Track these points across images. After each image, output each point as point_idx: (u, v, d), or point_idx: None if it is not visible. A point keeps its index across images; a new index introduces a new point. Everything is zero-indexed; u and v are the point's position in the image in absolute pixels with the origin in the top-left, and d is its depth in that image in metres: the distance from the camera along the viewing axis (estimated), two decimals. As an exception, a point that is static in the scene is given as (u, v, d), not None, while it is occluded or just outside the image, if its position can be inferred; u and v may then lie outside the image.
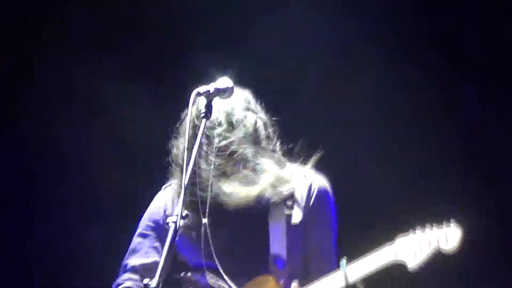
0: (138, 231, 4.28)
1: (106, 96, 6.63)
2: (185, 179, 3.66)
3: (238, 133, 4.05)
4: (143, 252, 4.22)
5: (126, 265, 4.24)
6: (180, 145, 4.15)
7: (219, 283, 4.08)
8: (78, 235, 6.66)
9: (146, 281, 3.53)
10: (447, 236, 3.81)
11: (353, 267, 3.93)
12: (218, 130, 4.04)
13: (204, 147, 4.03)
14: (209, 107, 3.84)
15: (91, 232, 6.63)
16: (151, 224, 4.26)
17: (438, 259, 3.85)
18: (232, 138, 4.03)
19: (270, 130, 4.15)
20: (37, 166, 6.73)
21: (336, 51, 6.33)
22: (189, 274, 4.14)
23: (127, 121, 6.61)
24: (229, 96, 3.95)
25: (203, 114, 3.82)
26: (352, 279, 3.90)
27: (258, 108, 4.17)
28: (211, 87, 3.88)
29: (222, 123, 4.05)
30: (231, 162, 4.03)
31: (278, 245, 4.08)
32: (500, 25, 6.23)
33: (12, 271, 6.67)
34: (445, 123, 6.28)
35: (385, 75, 6.31)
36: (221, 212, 4.06)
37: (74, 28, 6.65)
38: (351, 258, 3.95)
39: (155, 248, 4.22)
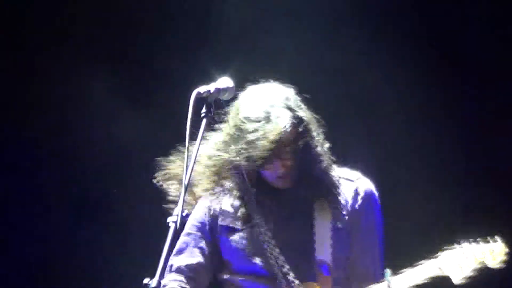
0: (184, 231, 4.23)
1: (106, 96, 6.63)
2: (186, 179, 3.65)
3: (273, 129, 3.94)
4: (188, 252, 4.19)
5: (171, 266, 4.19)
6: (220, 137, 4.09)
7: (263, 286, 4.06)
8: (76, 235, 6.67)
9: (146, 280, 3.53)
10: (494, 252, 3.77)
11: (397, 279, 3.88)
12: (255, 124, 3.96)
13: (242, 141, 3.97)
14: (209, 107, 3.83)
15: (90, 232, 6.64)
16: (196, 223, 4.23)
17: (484, 274, 3.83)
18: (266, 133, 3.93)
19: (313, 129, 4.06)
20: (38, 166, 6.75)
21: (336, 51, 6.32)
22: (233, 276, 4.13)
23: (127, 121, 6.61)
24: (229, 96, 3.94)
25: (203, 114, 3.81)
26: None
27: (300, 106, 4.07)
28: (211, 87, 3.87)
29: (258, 118, 3.97)
30: (266, 157, 3.94)
31: (323, 250, 4.03)
32: (501, 24, 6.23)
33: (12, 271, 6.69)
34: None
35: (387, 75, 6.32)
36: (266, 215, 4.04)
37: (71, 28, 6.65)
38: (393, 269, 3.89)
39: (200, 248, 4.19)
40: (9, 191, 6.70)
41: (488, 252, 3.78)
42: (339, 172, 4.15)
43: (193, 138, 3.76)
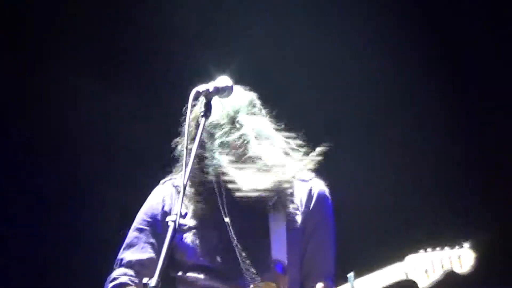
0: (134, 225, 4.25)
1: (106, 97, 6.63)
2: (185, 179, 3.65)
3: (241, 133, 4.03)
4: (139, 247, 4.19)
5: (121, 260, 4.21)
6: (184, 141, 4.06)
7: (217, 285, 4.07)
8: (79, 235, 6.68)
9: (145, 280, 3.52)
10: (461, 258, 3.76)
11: (361, 282, 3.89)
12: (221, 129, 4.04)
13: (207, 146, 4.03)
14: (208, 106, 3.84)
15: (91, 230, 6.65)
16: (148, 219, 4.23)
17: (449, 280, 3.82)
18: (234, 136, 4.03)
19: (272, 133, 4.13)
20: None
21: (336, 51, 6.32)
22: (187, 274, 4.12)
23: (126, 121, 6.61)
24: (228, 95, 3.94)
25: (202, 113, 3.82)
26: None
27: (261, 112, 4.17)
28: (210, 85, 3.87)
29: (225, 123, 4.05)
30: (235, 157, 4.01)
31: (279, 250, 4.06)
32: (502, 24, 6.23)
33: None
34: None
35: (387, 75, 6.31)
36: (221, 213, 4.05)
37: (71, 27, 6.65)
38: (356, 272, 3.91)
39: (151, 244, 4.19)
40: (9, 190, 6.71)
41: (456, 259, 3.77)
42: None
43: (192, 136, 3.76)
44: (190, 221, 4.11)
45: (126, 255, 4.20)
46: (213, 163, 4.03)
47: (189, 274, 4.11)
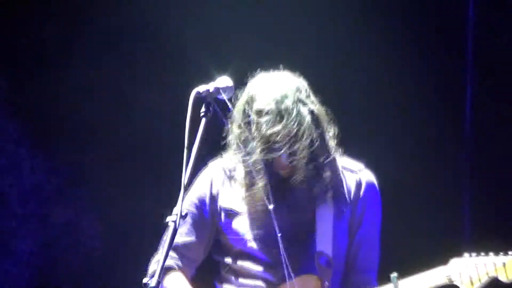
0: (184, 206, 4.23)
1: (105, 97, 6.64)
2: (185, 179, 3.65)
3: (286, 123, 3.96)
4: (185, 229, 4.15)
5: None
6: (234, 127, 4.08)
7: (262, 273, 4.05)
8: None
9: (145, 280, 3.52)
10: (506, 266, 3.71)
11: (404, 283, 3.84)
12: (266, 118, 3.98)
13: (253, 133, 4.00)
14: (208, 106, 3.83)
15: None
16: (196, 201, 4.19)
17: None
18: (278, 128, 3.96)
19: (321, 122, 4.06)
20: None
21: (336, 51, 6.32)
22: (232, 259, 4.11)
23: (127, 122, 6.62)
24: (229, 95, 3.93)
25: (202, 114, 3.81)
26: None
27: (310, 99, 4.10)
28: (211, 86, 3.87)
29: (270, 112, 3.99)
30: (277, 151, 3.96)
31: (324, 242, 4.02)
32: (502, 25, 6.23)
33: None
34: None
35: (387, 75, 6.31)
36: (270, 202, 4.00)
37: (76, 24, 6.66)
38: (400, 273, 3.88)
39: (198, 227, 4.16)
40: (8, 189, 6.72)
41: (500, 266, 3.72)
42: (342, 163, 4.14)
43: (192, 137, 3.76)
44: (238, 207, 4.09)
45: None
46: (259, 151, 3.98)
47: (233, 260, 4.11)
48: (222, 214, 4.13)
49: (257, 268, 4.05)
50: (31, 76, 6.70)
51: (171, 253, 4.12)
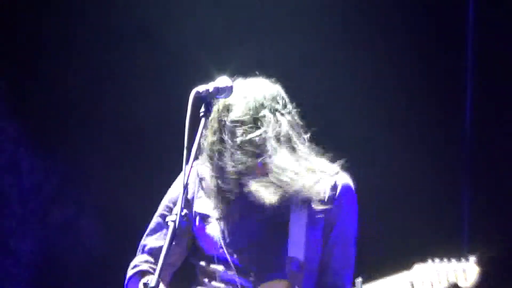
0: (158, 210, 4.24)
1: (106, 98, 6.64)
2: (185, 179, 3.66)
3: (261, 132, 3.98)
4: (162, 234, 4.17)
5: (144, 246, 4.22)
6: (208, 134, 4.06)
7: (235, 278, 4.05)
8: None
9: (145, 279, 3.53)
10: (466, 272, 3.72)
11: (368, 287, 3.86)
12: (242, 127, 3.99)
13: (228, 143, 3.99)
14: (208, 106, 3.83)
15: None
16: (171, 205, 4.20)
17: None
18: (254, 135, 3.97)
19: (296, 131, 4.06)
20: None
21: (336, 52, 6.32)
22: (206, 264, 4.11)
23: (127, 121, 6.62)
24: (227, 96, 3.94)
25: (202, 114, 3.82)
26: None
27: (286, 108, 4.09)
28: (210, 86, 3.87)
29: (246, 121, 3.99)
30: (252, 160, 3.96)
31: (296, 246, 4.02)
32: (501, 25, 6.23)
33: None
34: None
35: (386, 76, 6.31)
36: (243, 208, 4.01)
37: (76, 23, 6.66)
38: (364, 277, 3.90)
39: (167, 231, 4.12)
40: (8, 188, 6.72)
41: (460, 272, 3.74)
42: (318, 166, 4.12)
43: (192, 137, 3.76)
44: (213, 212, 4.09)
45: (148, 241, 4.20)
46: (233, 161, 3.99)
47: (207, 264, 4.11)
48: (197, 219, 4.13)
49: (230, 273, 4.05)
50: (31, 76, 6.70)
51: (147, 257, 4.18)
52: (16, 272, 6.66)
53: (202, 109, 3.83)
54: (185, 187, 3.67)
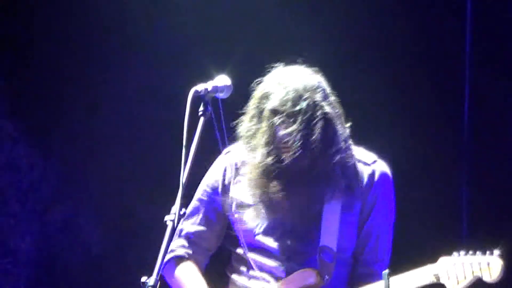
0: (196, 194, 4.24)
1: (106, 98, 6.64)
2: (184, 178, 3.66)
3: (298, 126, 3.93)
4: (198, 218, 4.19)
5: (181, 230, 4.21)
6: (245, 119, 4.06)
7: (267, 266, 4.06)
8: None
9: (143, 279, 3.53)
10: (490, 266, 3.69)
11: (394, 280, 3.80)
12: (279, 118, 3.94)
13: (264, 132, 3.97)
14: (207, 105, 3.83)
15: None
16: (208, 190, 4.22)
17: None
18: (290, 130, 3.93)
19: (335, 124, 4.01)
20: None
21: (336, 50, 6.32)
22: (241, 250, 4.13)
23: (127, 121, 6.62)
24: (227, 94, 3.93)
25: (201, 113, 3.81)
26: None
27: (327, 100, 4.03)
28: (209, 85, 3.87)
29: (284, 112, 3.94)
30: (288, 152, 3.93)
31: (329, 236, 4.01)
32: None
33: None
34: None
35: (386, 76, 6.31)
36: (279, 195, 3.99)
37: (76, 22, 6.66)
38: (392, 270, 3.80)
39: (209, 216, 4.19)
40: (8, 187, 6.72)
41: (485, 266, 3.70)
42: (356, 154, 4.11)
43: (190, 136, 3.76)
44: (248, 199, 4.08)
45: (185, 225, 4.20)
46: (267, 150, 3.97)
47: (243, 251, 4.12)
48: (233, 205, 4.14)
49: (264, 261, 4.07)
50: (30, 75, 6.70)
51: (183, 242, 4.18)
52: (15, 271, 6.66)
53: (201, 108, 3.83)
54: (183, 186, 3.66)
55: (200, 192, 4.23)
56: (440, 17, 6.31)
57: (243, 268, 4.13)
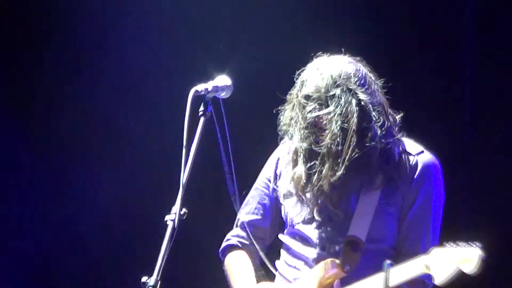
0: (255, 184, 4.26)
1: (106, 98, 6.64)
2: (184, 178, 3.67)
3: (329, 112, 3.88)
4: (253, 207, 4.21)
5: (238, 220, 4.23)
6: (286, 108, 4.03)
7: (302, 254, 4.07)
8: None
9: (144, 279, 3.53)
10: (470, 258, 3.68)
11: (393, 271, 3.77)
12: (312, 104, 3.91)
13: (298, 118, 3.93)
14: (207, 105, 3.83)
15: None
16: (263, 179, 4.23)
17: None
18: (321, 114, 3.90)
19: (369, 112, 3.92)
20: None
21: (335, 50, 6.31)
22: (286, 238, 4.13)
23: (128, 120, 6.62)
24: (227, 94, 3.93)
25: (201, 113, 3.81)
26: (391, 283, 3.65)
27: (363, 88, 3.94)
28: (209, 85, 3.87)
29: (316, 98, 3.91)
30: (322, 137, 3.89)
31: (359, 226, 3.97)
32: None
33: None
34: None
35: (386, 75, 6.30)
36: (316, 184, 3.94)
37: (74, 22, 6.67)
38: None
39: (264, 205, 4.20)
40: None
41: (466, 257, 3.70)
42: (403, 145, 4.04)
43: (191, 136, 3.76)
44: (290, 187, 4.07)
45: (241, 215, 4.21)
46: (300, 138, 3.94)
47: (287, 238, 4.14)
48: (281, 194, 4.14)
49: (301, 249, 4.07)
50: (30, 74, 6.71)
51: (238, 231, 4.22)
52: (15, 271, 6.67)
53: (201, 108, 3.83)
54: (184, 186, 3.66)
55: (257, 181, 4.24)
56: (440, 16, 6.32)
57: (284, 257, 4.15)
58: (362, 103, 3.91)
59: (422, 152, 4.05)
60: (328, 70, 3.95)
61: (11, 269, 6.65)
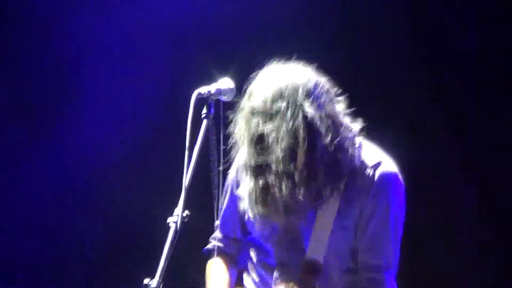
0: (226, 187, 4.23)
1: (106, 98, 6.64)
2: (186, 180, 3.67)
3: (274, 127, 3.76)
4: (223, 209, 4.21)
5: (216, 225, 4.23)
6: (236, 119, 3.93)
7: (264, 272, 4.08)
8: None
9: (146, 281, 3.54)
10: None
11: None
12: (256, 119, 3.79)
13: (247, 134, 3.81)
14: (209, 107, 3.82)
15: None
16: (229, 182, 4.18)
17: None
18: (266, 129, 3.77)
19: (317, 126, 3.76)
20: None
21: (336, 50, 6.33)
22: (253, 249, 4.14)
23: (131, 123, 6.63)
24: (230, 97, 3.91)
25: (203, 115, 3.80)
26: None
27: (310, 100, 3.78)
28: (212, 87, 3.87)
29: (261, 112, 3.78)
30: (264, 154, 3.78)
31: (316, 248, 3.90)
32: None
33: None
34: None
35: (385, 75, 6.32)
36: (272, 203, 3.84)
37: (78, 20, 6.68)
38: None
39: (230, 207, 4.18)
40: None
41: None
42: (360, 154, 3.89)
43: (193, 138, 3.77)
44: (247, 200, 3.99)
45: (220, 217, 4.21)
46: (248, 154, 3.85)
47: (254, 249, 4.13)
48: (242, 203, 4.08)
49: (264, 259, 4.07)
50: (30, 74, 6.71)
51: (217, 234, 4.23)
52: (15, 271, 6.68)
53: (204, 111, 3.82)
54: (186, 188, 3.66)
55: (227, 185, 4.20)
56: (441, 18, 6.33)
57: (250, 265, 4.14)
58: (309, 118, 3.74)
59: (380, 163, 3.89)
60: (275, 81, 3.81)
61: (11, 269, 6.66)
